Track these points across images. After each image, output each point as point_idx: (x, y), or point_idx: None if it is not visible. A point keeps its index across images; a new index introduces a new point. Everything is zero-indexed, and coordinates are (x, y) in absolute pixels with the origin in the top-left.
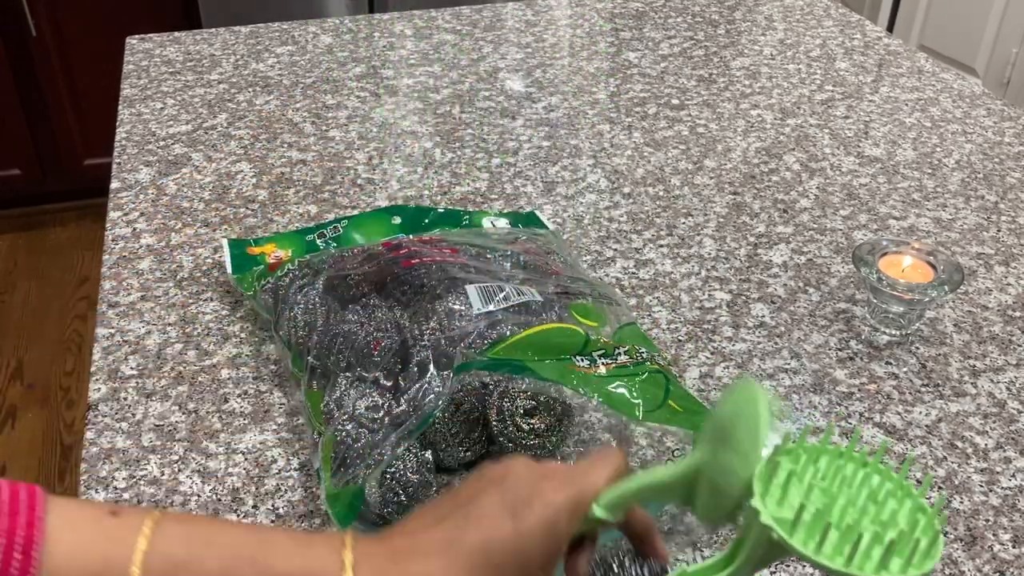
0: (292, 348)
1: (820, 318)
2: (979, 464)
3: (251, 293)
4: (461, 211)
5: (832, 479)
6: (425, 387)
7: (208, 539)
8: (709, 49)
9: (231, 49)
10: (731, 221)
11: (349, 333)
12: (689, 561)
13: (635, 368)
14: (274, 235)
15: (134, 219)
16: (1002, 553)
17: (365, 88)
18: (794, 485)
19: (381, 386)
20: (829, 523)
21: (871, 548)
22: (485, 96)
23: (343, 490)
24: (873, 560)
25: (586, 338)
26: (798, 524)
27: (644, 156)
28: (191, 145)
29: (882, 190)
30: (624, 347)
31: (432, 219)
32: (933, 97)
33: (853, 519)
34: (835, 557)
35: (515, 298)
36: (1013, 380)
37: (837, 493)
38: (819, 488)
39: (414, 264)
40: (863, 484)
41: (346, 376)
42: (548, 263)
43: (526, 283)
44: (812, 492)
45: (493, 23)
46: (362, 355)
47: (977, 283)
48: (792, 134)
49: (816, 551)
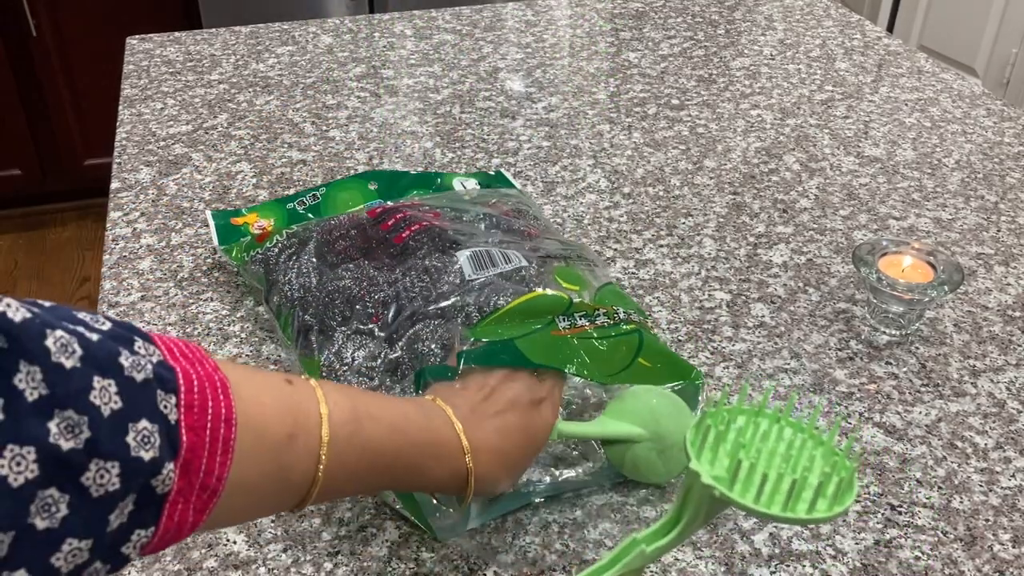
0: (283, 315)
1: (820, 318)
2: (979, 464)
3: (240, 263)
4: (433, 173)
5: (753, 435)
6: (418, 332)
7: (367, 407)
8: (709, 49)
9: (231, 49)
10: (731, 221)
11: (344, 289)
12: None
13: (611, 328)
14: (255, 205)
15: (134, 219)
16: (1002, 553)
17: (365, 88)
18: (722, 444)
19: (377, 337)
20: (765, 475)
21: (801, 492)
22: (485, 96)
23: None
24: (805, 502)
25: (569, 301)
26: (735, 480)
27: (644, 156)
28: (191, 145)
29: (882, 190)
30: (603, 309)
31: (406, 183)
32: (933, 97)
33: (781, 469)
34: (771, 505)
35: (503, 265)
36: (1013, 380)
37: (761, 447)
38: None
39: (404, 238)
40: (780, 437)
41: (342, 331)
42: (524, 226)
43: (507, 246)
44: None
45: (493, 23)
46: (357, 308)
47: (977, 283)
48: (792, 134)
49: (755, 502)
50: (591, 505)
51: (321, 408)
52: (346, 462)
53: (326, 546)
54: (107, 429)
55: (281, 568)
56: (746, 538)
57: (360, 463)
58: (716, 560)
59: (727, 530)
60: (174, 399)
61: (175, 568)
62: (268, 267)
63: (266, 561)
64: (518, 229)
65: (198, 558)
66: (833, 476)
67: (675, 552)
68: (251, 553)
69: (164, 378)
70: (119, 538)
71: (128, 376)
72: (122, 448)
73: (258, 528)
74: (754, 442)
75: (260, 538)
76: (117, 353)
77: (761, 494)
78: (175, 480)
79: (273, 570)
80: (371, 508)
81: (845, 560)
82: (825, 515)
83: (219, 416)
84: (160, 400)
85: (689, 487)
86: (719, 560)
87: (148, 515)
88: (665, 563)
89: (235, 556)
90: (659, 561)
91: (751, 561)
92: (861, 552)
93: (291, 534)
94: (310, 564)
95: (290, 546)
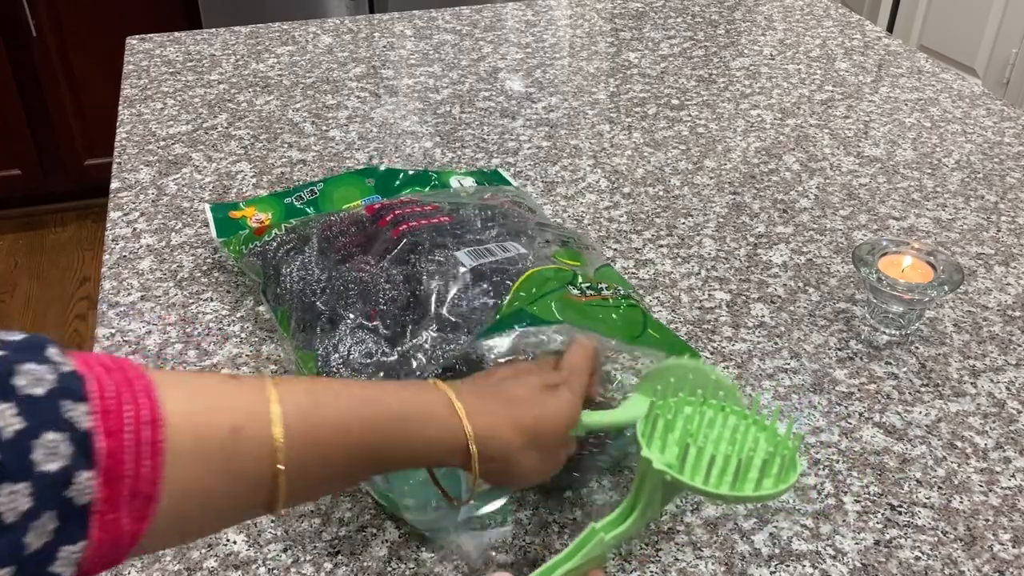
0: (281, 308)
1: (820, 318)
2: (979, 464)
3: (237, 256)
4: (430, 172)
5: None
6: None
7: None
8: (709, 49)
9: (231, 49)
10: (731, 221)
11: (361, 280)
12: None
13: (615, 302)
14: (254, 199)
15: (134, 219)
16: (1002, 553)
17: (365, 88)
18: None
19: (380, 335)
20: (713, 456)
21: (747, 473)
22: (485, 96)
23: None
24: (751, 482)
25: (573, 274)
26: (684, 464)
27: (644, 156)
28: (191, 145)
29: (882, 190)
30: (604, 284)
31: (403, 180)
32: (933, 97)
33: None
34: (720, 485)
35: (501, 254)
36: (1013, 380)
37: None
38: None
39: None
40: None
41: (347, 323)
42: (521, 215)
43: (504, 238)
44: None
45: (493, 23)
46: (358, 304)
47: (977, 283)
48: (792, 134)
49: (704, 483)
50: (591, 505)
51: (269, 391)
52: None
53: (326, 546)
54: (10, 452)
55: (281, 568)
56: (746, 538)
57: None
58: (716, 560)
59: (727, 530)
60: (84, 406)
61: (175, 568)
62: (266, 260)
63: (266, 561)
64: (515, 218)
65: (198, 558)
66: (776, 456)
67: (675, 552)
68: (251, 553)
69: (70, 388)
70: (45, 558)
71: (25, 394)
72: (28, 467)
73: (258, 528)
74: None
75: (260, 538)
76: (9, 374)
77: (710, 476)
78: (96, 489)
79: (273, 570)
80: (371, 508)
81: (845, 560)
82: (771, 492)
83: (141, 419)
84: (66, 410)
85: (642, 474)
86: (719, 560)
87: (74, 529)
88: (665, 563)
89: (235, 556)
90: (659, 561)
91: (751, 561)
92: (861, 552)
93: (291, 534)
94: (310, 564)
95: (290, 546)
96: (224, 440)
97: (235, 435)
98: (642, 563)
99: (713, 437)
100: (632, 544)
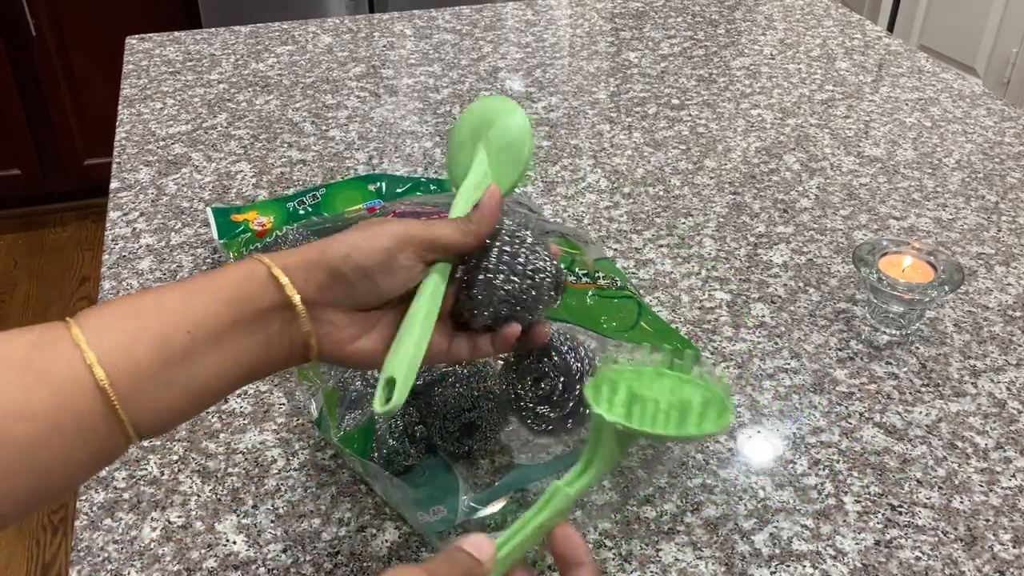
0: None
1: (820, 318)
2: (979, 464)
3: (239, 257)
4: (432, 180)
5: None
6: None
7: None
8: (709, 49)
9: (231, 49)
10: (731, 221)
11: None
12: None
13: (612, 292)
14: (255, 203)
15: (134, 219)
16: (1002, 553)
17: (365, 88)
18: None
19: None
20: (658, 402)
21: (687, 418)
22: (485, 96)
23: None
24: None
25: (572, 258)
26: (631, 417)
27: (644, 156)
28: (191, 145)
29: (882, 190)
30: (601, 273)
31: (406, 188)
32: (933, 97)
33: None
34: (667, 427)
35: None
36: (1013, 380)
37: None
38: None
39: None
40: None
41: None
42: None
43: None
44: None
45: (493, 23)
46: None
47: (977, 283)
48: (792, 134)
49: (653, 427)
50: (591, 505)
51: (72, 330)
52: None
53: (326, 546)
54: None
55: (281, 568)
56: (746, 538)
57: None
58: (716, 560)
59: (727, 530)
60: None
61: (175, 568)
62: None
63: (266, 561)
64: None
65: (198, 558)
66: (712, 402)
67: (675, 552)
68: (251, 553)
69: None
70: None
71: None
72: None
73: (258, 528)
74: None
75: (260, 538)
76: None
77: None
78: None
79: (273, 570)
80: (371, 508)
81: (845, 560)
82: (713, 429)
83: None
84: None
85: (597, 430)
86: (719, 560)
87: None
88: (665, 563)
89: (235, 556)
90: (659, 561)
91: (751, 561)
92: (861, 552)
93: (291, 534)
94: (310, 564)
95: (290, 546)
96: (20, 361)
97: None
98: (642, 563)
99: (654, 393)
100: (632, 544)
